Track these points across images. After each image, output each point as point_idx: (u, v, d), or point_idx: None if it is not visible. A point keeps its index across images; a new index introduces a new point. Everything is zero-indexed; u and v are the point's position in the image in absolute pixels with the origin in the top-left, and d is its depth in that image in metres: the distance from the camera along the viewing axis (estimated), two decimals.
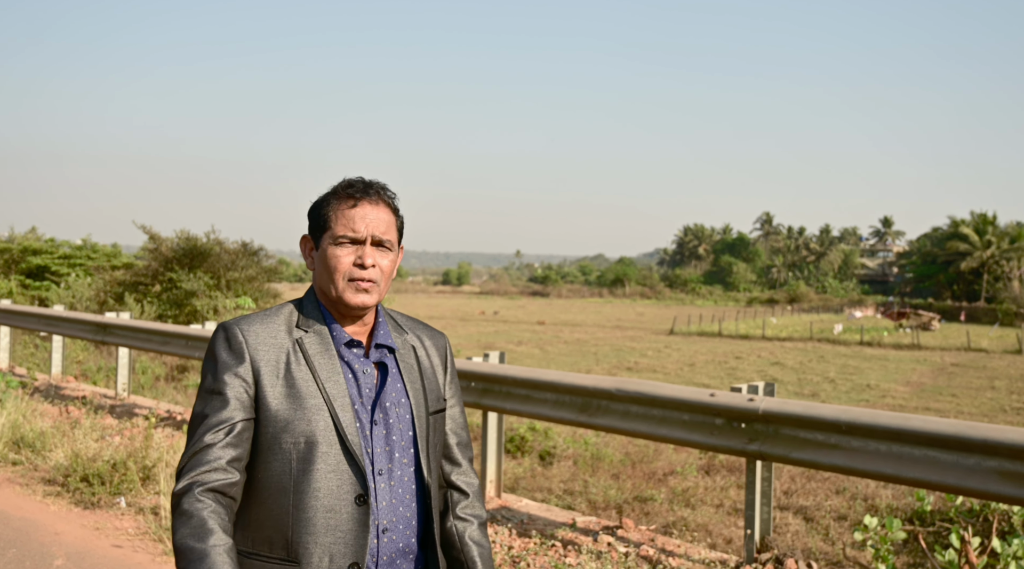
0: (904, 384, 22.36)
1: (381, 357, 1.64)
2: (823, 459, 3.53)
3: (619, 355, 29.10)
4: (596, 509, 7.04)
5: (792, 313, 60.38)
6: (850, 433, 3.43)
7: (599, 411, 4.39)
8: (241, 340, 1.57)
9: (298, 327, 1.62)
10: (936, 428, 3.19)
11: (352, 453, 1.54)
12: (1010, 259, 65.84)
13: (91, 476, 5.43)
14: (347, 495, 1.53)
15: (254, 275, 21.80)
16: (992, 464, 3.08)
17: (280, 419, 1.54)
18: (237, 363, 1.56)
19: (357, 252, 1.60)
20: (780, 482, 8.42)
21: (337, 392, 1.56)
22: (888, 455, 3.34)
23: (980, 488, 3.08)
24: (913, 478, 3.28)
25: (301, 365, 1.57)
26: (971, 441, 3.10)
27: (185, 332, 7.53)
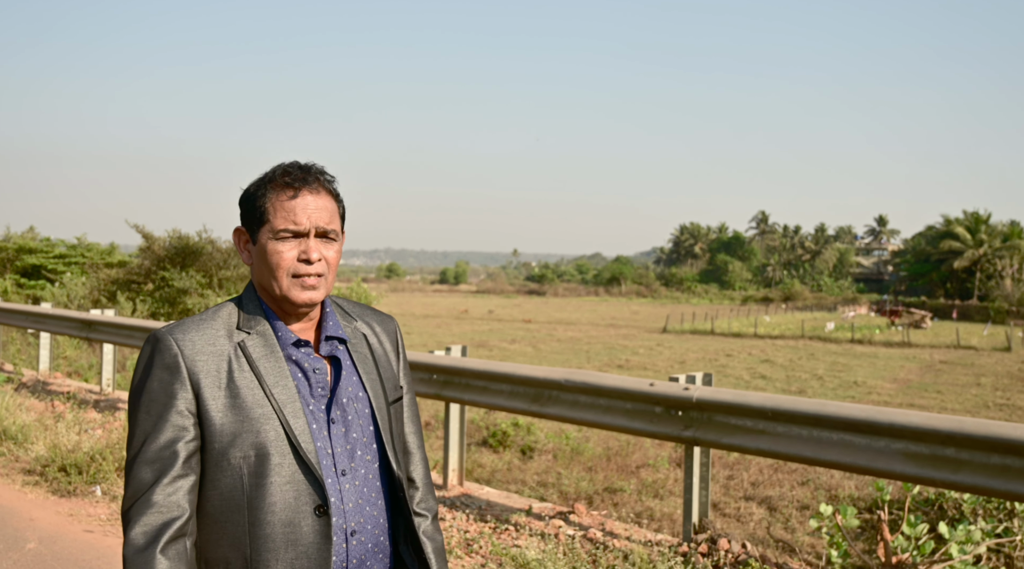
0: (891, 381, 22.52)
1: (332, 350, 1.55)
2: (751, 444, 3.73)
3: (611, 353, 29.23)
4: (567, 499, 7.24)
5: (786, 311, 60.62)
6: (775, 419, 3.63)
7: (550, 401, 4.59)
8: (176, 351, 1.44)
9: (239, 329, 1.50)
10: (850, 414, 3.39)
11: (307, 462, 1.45)
12: (1002, 257, 66.18)
13: (69, 466, 5.63)
14: (305, 507, 1.44)
15: (245, 273, 22.03)
16: (898, 446, 3.27)
17: (226, 433, 1.44)
18: (172, 378, 1.44)
19: (300, 246, 1.49)
20: (748, 474, 8.63)
21: (286, 398, 1.46)
22: (809, 439, 3.54)
23: (887, 468, 3.28)
24: (830, 460, 3.48)
25: (244, 371, 1.46)
26: (880, 425, 3.29)
27: None
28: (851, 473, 3.76)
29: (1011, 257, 65.12)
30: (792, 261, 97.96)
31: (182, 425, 1.43)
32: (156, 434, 1.42)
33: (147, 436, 1.43)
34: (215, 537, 1.45)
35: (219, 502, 1.44)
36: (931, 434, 3.17)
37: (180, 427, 1.43)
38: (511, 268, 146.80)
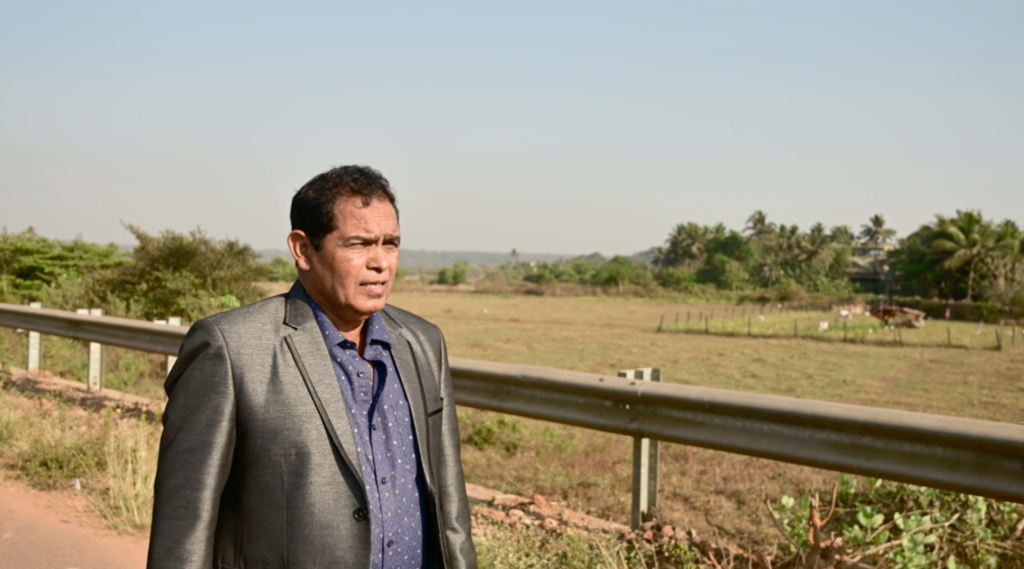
0: (880, 380, 22.65)
1: (377, 355, 1.53)
2: (690, 435, 3.92)
3: (604, 352, 29.32)
4: (543, 494, 7.43)
5: (782, 311, 60.84)
6: (712, 411, 3.82)
7: (509, 396, 4.78)
8: (221, 342, 1.42)
9: (286, 324, 1.48)
10: (778, 406, 3.58)
11: (348, 464, 1.42)
12: (995, 257, 66.53)
13: (50, 461, 5.82)
14: (344, 510, 1.41)
15: (240, 274, 22.21)
16: (821, 436, 3.46)
17: (268, 428, 1.41)
18: (216, 368, 1.42)
19: (369, 253, 1.48)
20: (720, 469, 8.82)
21: (330, 396, 1.44)
22: (743, 430, 3.72)
23: (811, 457, 3.47)
24: (761, 450, 3.67)
25: (290, 367, 1.44)
26: (805, 416, 3.48)
27: (149, 327, 7.93)
28: (780, 461, 3.95)
29: (1004, 257, 65.50)
30: (789, 261, 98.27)
31: (217, 419, 1.42)
32: (192, 424, 1.41)
33: (183, 424, 1.42)
34: (254, 535, 1.42)
35: (259, 499, 1.42)
36: (850, 424, 3.36)
37: (217, 420, 1.42)
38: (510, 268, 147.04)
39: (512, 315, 51.27)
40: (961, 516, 5.54)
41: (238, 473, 1.44)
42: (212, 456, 1.41)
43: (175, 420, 1.43)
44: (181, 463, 1.40)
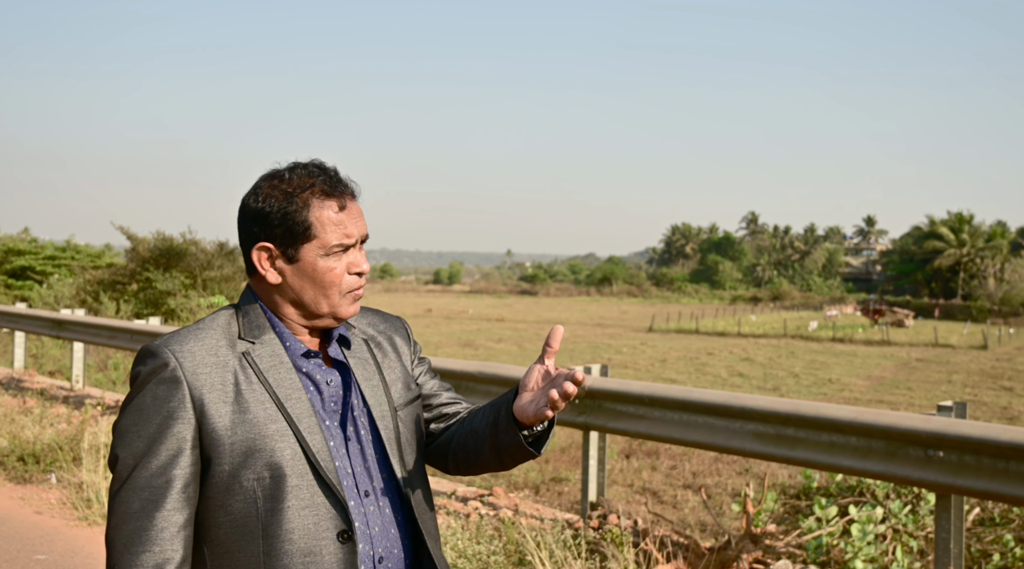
0: (865, 379, 22.82)
1: (338, 354, 1.44)
2: (632, 427, 4.11)
3: (594, 352, 29.45)
4: (515, 488, 7.62)
5: (773, 311, 61.16)
6: (651, 405, 4.01)
7: (466, 392, 4.96)
8: (174, 363, 1.30)
9: (242, 338, 1.37)
10: (711, 399, 3.77)
11: (329, 483, 1.32)
12: (985, 257, 67.09)
13: (27, 456, 5.99)
14: (327, 533, 1.31)
15: (230, 274, 22.37)
16: (750, 427, 3.65)
17: (236, 452, 1.30)
18: (170, 394, 1.29)
19: (349, 257, 1.39)
20: (690, 464, 9.03)
21: (301, 411, 1.33)
22: (679, 422, 3.91)
23: (740, 446, 3.66)
24: (695, 440, 3.86)
25: (253, 384, 1.33)
26: (734, 408, 3.67)
27: (129, 327, 8.11)
28: (714, 451, 4.14)
29: (993, 257, 66.04)
30: (782, 261, 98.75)
31: (179, 448, 1.29)
32: (149, 458, 1.28)
33: (138, 461, 1.28)
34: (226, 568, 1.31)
35: (231, 530, 1.30)
36: (774, 416, 3.55)
37: (177, 451, 1.28)
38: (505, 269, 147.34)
39: (499, 315, 51.43)
40: (914, 508, 5.75)
41: (204, 505, 1.32)
42: (175, 489, 1.28)
43: (126, 457, 1.28)
44: (140, 504, 1.26)
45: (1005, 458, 2.94)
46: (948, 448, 3.10)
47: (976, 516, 5.48)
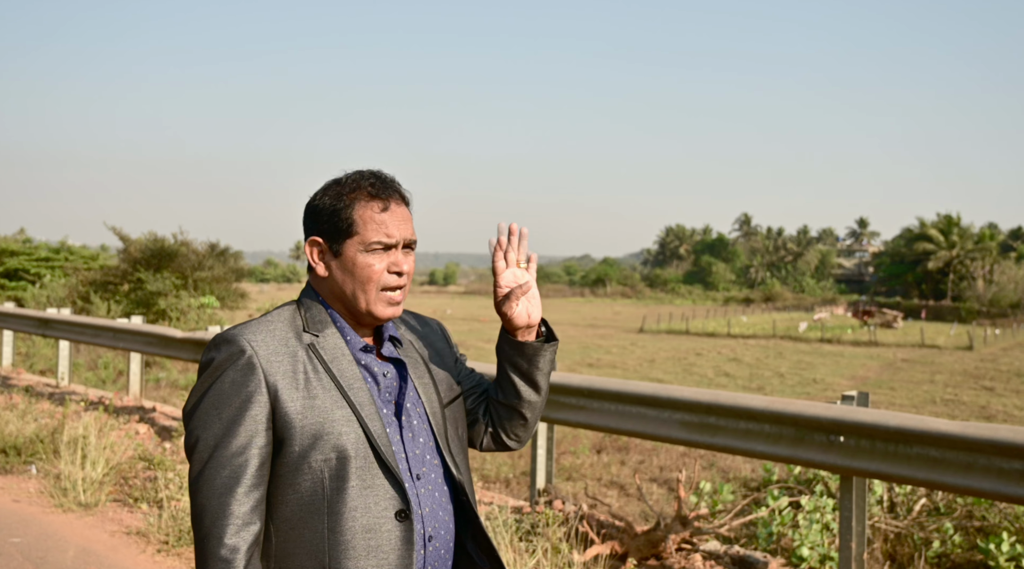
0: (849, 379, 23.02)
1: (392, 352, 1.55)
2: (572, 418, 4.37)
3: (584, 352, 29.60)
4: (487, 482, 7.88)
5: (765, 312, 61.48)
6: (590, 396, 4.27)
7: None
8: (250, 351, 1.41)
9: (306, 331, 1.48)
10: (642, 390, 4.03)
11: (388, 465, 1.43)
12: (974, 259, 67.60)
13: (8, 448, 6.24)
14: (387, 512, 1.41)
15: (221, 275, 22.59)
16: (677, 416, 3.91)
17: (307, 435, 1.40)
18: (247, 379, 1.40)
19: (390, 257, 1.49)
20: (658, 459, 9.30)
21: (363, 400, 1.45)
22: (615, 412, 4.17)
23: (668, 434, 3.92)
24: (628, 429, 4.12)
25: (320, 373, 1.44)
26: (663, 399, 3.93)
27: (111, 325, 8.35)
28: (646, 439, 4.40)
29: (983, 259, 66.54)
30: (775, 262, 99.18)
31: (256, 430, 1.39)
32: (229, 438, 1.38)
33: (218, 441, 1.38)
34: (291, 545, 1.40)
35: (298, 507, 1.40)
36: (698, 405, 3.81)
37: (254, 432, 1.39)
38: None
39: (483, 316, 51.59)
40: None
41: (273, 483, 1.41)
42: (253, 467, 1.38)
43: (207, 439, 1.38)
44: (223, 483, 1.36)
45: (894, 442, 3.20)
46: (848, 433, 3.36)
47: (923, 506, 5.76)
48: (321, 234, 1.50)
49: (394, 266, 1.49)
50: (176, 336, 7.21)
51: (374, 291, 1.48)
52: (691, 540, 4.03)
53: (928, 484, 3.15)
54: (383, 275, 1.48)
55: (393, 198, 1.50)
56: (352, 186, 1.49)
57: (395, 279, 1.49)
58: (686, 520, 4.02)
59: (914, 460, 3.15)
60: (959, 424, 3.00)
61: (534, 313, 1.56)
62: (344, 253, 1.48)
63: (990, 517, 5.56)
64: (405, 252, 1.51)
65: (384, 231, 1.47)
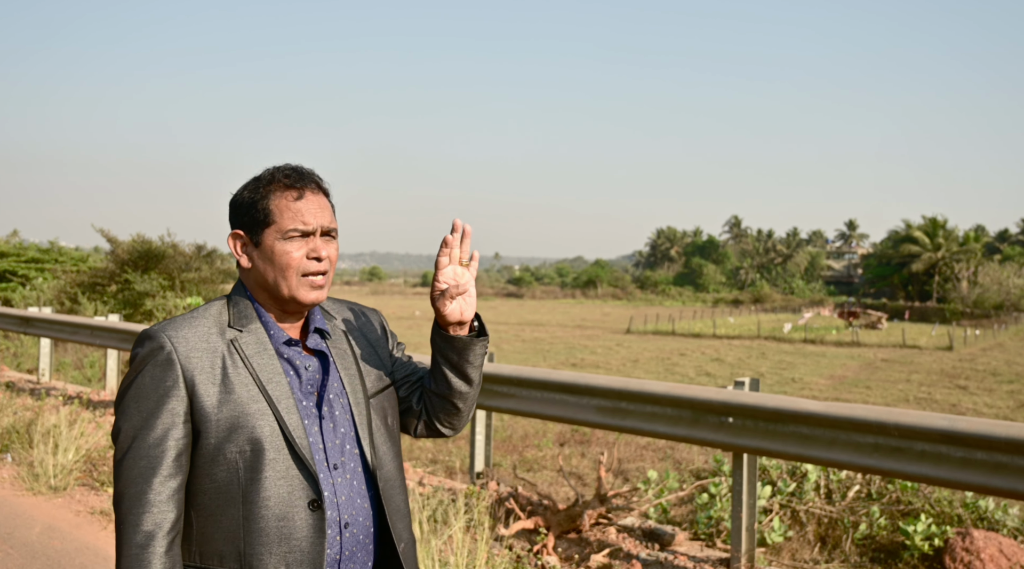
0: (828, 378, 23.30)
1: (318, 344, 1.60)
2: (504, 404, 4.72)
3: (569, 352, 29.75)
4: (451, 474, 8.23)
5: (753, 313, 61.94)
6: (519, 385, 4.62)
7: None
8: (169, 348, 1.47)
9: (231, 327, 1.54)
10: (563, 379, 4.39)
11: (302, 457, 1.48)
12: (959, 261, 68.35)
13: None
14: (299, 501, 1.47)
15: (208, 276, 22.87)
16: (594, 402, 4.26)
17: (222, 428, 1.47)
18: (165, 374, 1.46)
19: (308, 245, 1.54)
20: (617, 450, 9.66)
21: (280, 393, 1.50)
22: (540, 399, 4.53)
23: (585, 418, 4.28)
24: (553, 414, 4.47)
25: (239, 368, 1.50)
26: (580, 386, 4.29)
27: (89, 323, 8.69)
28: (567, 423, 4.76)
29: (967, 261, 67.29)
30: (765, 264, 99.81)
31: (173, 422, 1.45)
32: (147, 430, 1.44)
33: (137, 432, 1.45)
34: (209, 530, 1.47)
35: (215, 495, 1.47)
36: (611, 392, 4.16)
37: (171, 424, 1.45)
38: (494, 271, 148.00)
39: (488, 317, 51.92)
40: (800, 485, 6.38)
41: (192, 473, 1.49)
42: (169, 458, 1.44)
43: (128, 429, 1.46)
44: (140, 471, 1.43)
45: (773, 421, 3.56)
46: (736, 415, 3.72)
47: (856, 493, 6.14)
48: (242, 227, 1.56)
49: (313, 252, 1.53)
50: None
51: (295, 277, 1.53)
52: (607, 516, 4.38)
53: (799, 458, 3.51)
54: (302, 261, 1.53)
55: (308, 187, 1.55)
56: (268, 179, 1.56)
57: (315, 264, 1.54)
58: (604, 498, 4.37)
59: (789, 437, 3.51)
60: (824, 404, 3.36)
61: (467, 311, 1.60)
62: (263, 243, 1.54)
63: (915, 502, 5.94)
64: (325, 239, 1.56)
65: (300, 218, 1.52)
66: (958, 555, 5.07)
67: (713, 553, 4.25)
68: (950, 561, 5.07)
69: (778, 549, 5.42)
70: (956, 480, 3.06)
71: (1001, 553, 5.10)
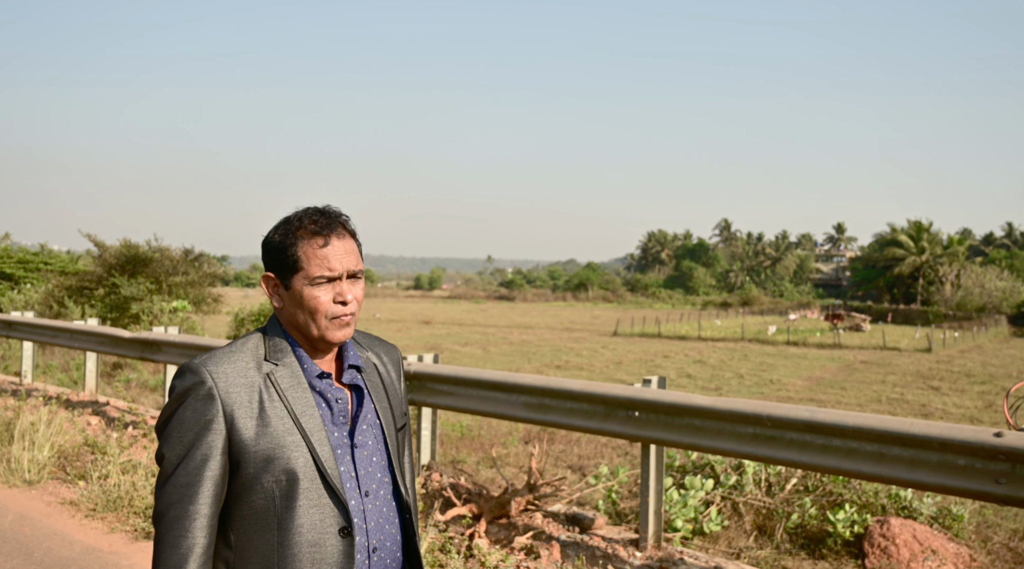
0: (806, 379, 23.63)
1: (353, 379, 1.67)
2: (443, 402, 5.10)
3: (555, 354, 29.95)
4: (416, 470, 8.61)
5: (740, 315, 62.45)
6: (457, 384, 5.00)
7: None
8: (210, 383, 1.56)
9: (267, 360, 1.61)
10: (494, 378, 4.77)
11: (333, 487, 1.56)
12: (942, 264, 69.15)
13: None
14: (330, 529, 1.55)
15: (195, 280, 23.17)
16: (522, 399, 4.65)
17: (259, 459, 1.55)
18: (207, 408, 1.55)
19: (335, 289, 1.61)
20: (579, 449, 10.05)
21: (313, 426, 1.57)
22: (475, 396, 4.91)
23: (514, 414, 4.66)
24: (486, 410, 4.85)
25: (275, 401, 1.57)
26: (509, 384, 4.68)
27: (69, 327, 9.06)
28: (499, 419, 5.15)
29: (950, 264, 68.10)
30: (754, 267, 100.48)
31: (211, 454, 1.54)
32: (187, 461, 1.53)
33: (180, 460, 1.54)
34: (247, 554, 1.56)
35: (252, 521, 1.55)
36: (536, 389, 4.55)
37: (209, 456, 1.54)
38: (487, 274, 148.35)
39: (479, 320, 52.16)
40: (740, 479, 6.78)
41: (231, 499, 1.57)
42: (207, 487, 1.53)
43: (171, 458, 1.55)
44: (179, 496, 1.53)
45: (671, 414, 3.95)
46: (641, 409, 4.11)
47: (793, 485, 6.55)
48: (273, 270, 1.65)
49: (339, 296, 1.61)
50: (124, 336, 7.91)
51: (323, 320, 1.61)
52: (536, 502, 4.77)
53: (693, 447, 3.91)
54: (330, 305, 1.60)
55: (335, 233, 1.61)
56: (297, 224, 1.62)
57: (341, 308, 1.61)
58: (534, 487, 4.76)
59: (684, 429, 3.91)
60: (712, 399, 3.75)
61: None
62: (293, 287, 1.61)
63: (845, 494, 6.36)
64: (351, 281, 1.63)
65: (327, 265, 1.59)
66: (876, 540, 5.49)
67: (628, 535, 4.63)
68: (868, 546, 5.48)
69: (716, 537, 5.82)
70: (816, 464, 3.45)
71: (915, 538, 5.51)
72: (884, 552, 5.45)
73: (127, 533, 4.71)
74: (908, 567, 5.30)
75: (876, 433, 3.25)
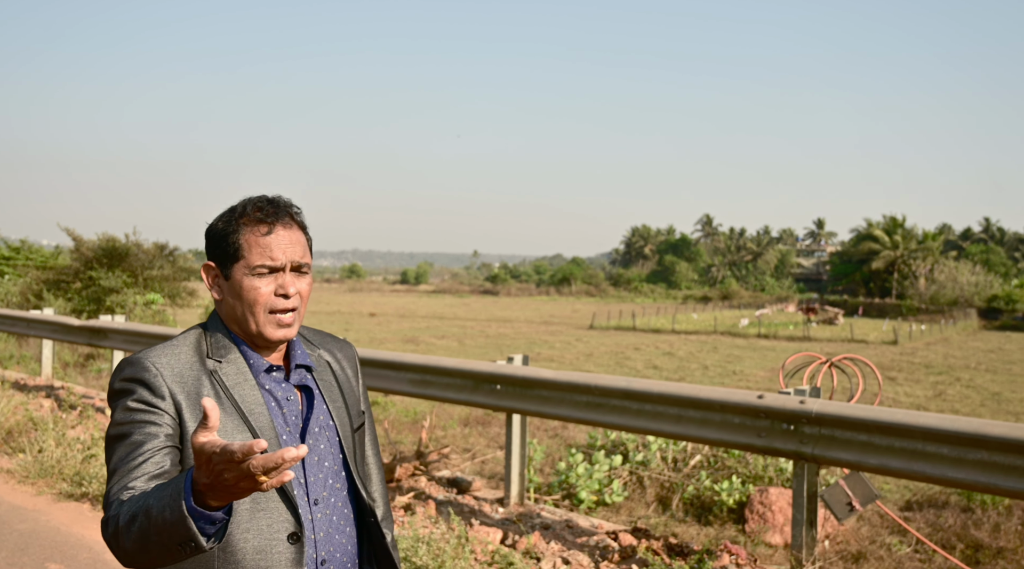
0: (768, 370, 24.07)
1: (302, 379, 1.56)
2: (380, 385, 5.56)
3: (529, 347, 30.21)
4: None
5: (719, 309, 63.23)
6: (399, 369, 5.46)
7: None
8: (156, 372, 1.45)
9: (210, 357, 1.50)
10: (385, 358, 5.33)
11: (284, 490, 1.46)
12: (916, 258, 70.29)
13: None
14: (279, 534, 1.45)
15: (170, 274, 23.62)
16: (408, 376, 5.20)
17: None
18: (154, 395, 1.43)
19: (276, 281, 1.50)
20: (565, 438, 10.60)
21: (262, 425, 1.47)
22: (372, 375, 5.46)
23: (400, 389, 5.22)
24: (379, 387, 5.40)
25: (221, 399, 1.46)
26: (397, 363, 5.23)
27: (25, 316, 9.60)
28: (390, 394, 5.71)
29: (924, 258, 69.26)
30: (736, 262, 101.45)
31: (166, 435, 1.42)
32: (138, 443, 1.40)
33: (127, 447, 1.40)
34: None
35: None
36: (418, 367, 5.11)
37: (163, 436, 1.41)
38: (473, 269, 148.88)
39: (460, 314, 52.62)
40: (646, 456, 7.35)
41: None
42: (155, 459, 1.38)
43: (114, 437, 1.42)
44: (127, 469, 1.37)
45: (524, 387, 4.52)
46: (503, 383, 4.68)
47: (697, 462, 7.15)
48: (213, 259, 1.54)
49: (280, 289, 1.50)
50: (74, 324, 8.44)
51: (262, 313, 1.50)
52: (422, 468, 5.34)
53: (541, 415, 4.47)
54: (270, 297, 1.50)
55: (280, 221, 1.51)
56: (241, 211, 1.52)
57: (282, 302, 1.50)
58: (422, 454, 5.33)
59: (535, 399, 4.47)
60: (555, 372, 4.32)
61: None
62: (232, 277, 1.51)
63: (738, 468, 6.97)
64: (294, 275, 1.53)
65: (268, 254, 1.49)
66: (755, 507, 6.08)
67: (498, 494, 5.21)
68: (748, 513, 6.08)
69: (617, 508, 6.38)
70: (632, 425, 4.02)
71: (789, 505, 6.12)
72: (762, 517, 6.05)
73: (52, 496, 5.25)
74: (782, 530, 5.89)
75: (675, 398, 3.82)
